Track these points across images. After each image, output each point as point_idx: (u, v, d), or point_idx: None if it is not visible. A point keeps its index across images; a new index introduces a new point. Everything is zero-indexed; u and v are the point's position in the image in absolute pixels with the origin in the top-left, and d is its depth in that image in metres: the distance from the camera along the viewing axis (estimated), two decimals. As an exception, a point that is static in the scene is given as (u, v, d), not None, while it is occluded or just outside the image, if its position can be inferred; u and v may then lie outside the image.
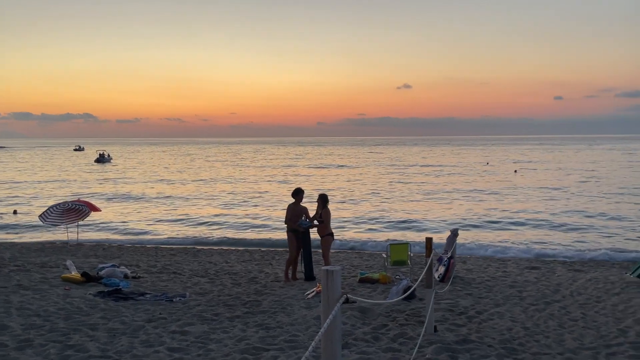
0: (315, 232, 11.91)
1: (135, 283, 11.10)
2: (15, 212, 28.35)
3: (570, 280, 11.71)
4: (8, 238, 21.16)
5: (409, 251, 12.22)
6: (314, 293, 9.95)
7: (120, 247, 18.07)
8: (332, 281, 2.66)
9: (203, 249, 17.80)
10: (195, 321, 8.21)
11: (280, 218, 22.67)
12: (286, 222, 11.76)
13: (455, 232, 13.11)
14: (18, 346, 6.81)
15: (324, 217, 11.69)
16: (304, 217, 11.68)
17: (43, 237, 20.73)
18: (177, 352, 6.77)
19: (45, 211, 17.47)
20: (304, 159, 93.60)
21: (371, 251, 17.58)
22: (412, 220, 25.58)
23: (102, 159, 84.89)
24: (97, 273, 11.41)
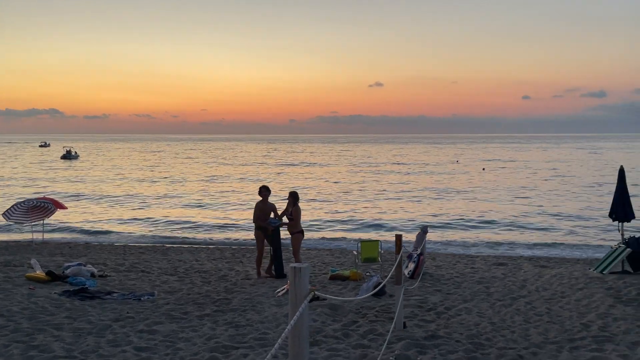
0: (285, 230, 11.90)
1: (102, 282, 10.91)
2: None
3: (536, 276, 11.95)
4: (-31, 237, 20.57)
5: (380, 248, 12.31)
6: (285, 291, 9.94)
7: (87, 246, 17.75)
8: (300, 278, 2.66)
9: (172, 247, 17.62)
10: (163, 320, 8.11)
11: (250, 215, 22.55)
12: (255, 221, 11.73)
13: (424, 230, 13.27)
14: (-21, 347, 6.63)
15: (294, 215, 11.69)
16: (273, 215, 11.66)
17: (7, 236, 20.21)
18: (145, 352, 6.68)
19: (9, 209, 17.03)
20: (275, 157, 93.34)
21: (342, 248, 17.64)
22: (383, 219, 25.77)
23: (69, 156, 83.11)
24: (63, 272, 11.18)
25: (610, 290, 10.23)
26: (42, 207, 16.87)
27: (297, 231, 11.77)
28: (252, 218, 11.81)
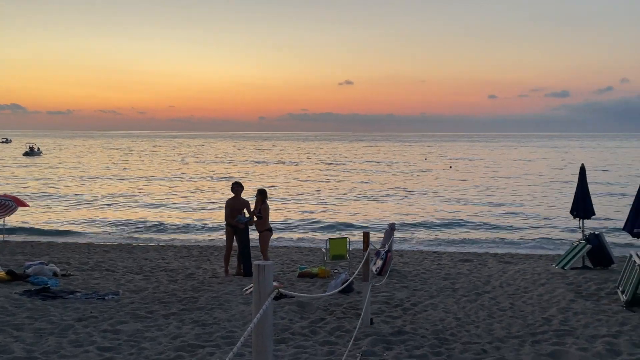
0: (254, 228, 11.84)
1: (65, 281, 10.67)
2: None
3: (500, 272, 12.19)
4: None
5: (348, 245, 12.38)
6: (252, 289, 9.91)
7: (49, 244, 17.32)
8: (264, 276, 2.65)
9: (138, 245, 17.35)
10: (128, 319, 7.98)
11: (219, 213, 22.42)
12: (226, 219, 11.64)
13: (392, 227, 13.39)
14: None
15: (263, 213, 11.65)
16: (244, 213, 11.59)
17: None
18: (108, 352, 6.56)
19: (-33, 207, 16.49)
20: (245, 155, 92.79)
21: (311, 246, 17.66)
22: (352, 217, 25.90)
23: (32, 153, 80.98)
24: (24, 271, 10.90)
25: (571, 285, 10.51)
26: (3, 205, 16.41)
27: (266, 229, 11.73)
28: (224, 216, 11.70)
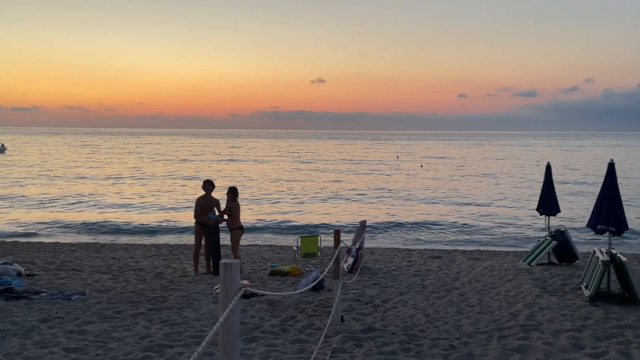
0: (224, 226, 11.76)
1: (29, 281, 10.41)
2: None
3: (469, 268, 12.37)
4: None
5: (319, 243, 12.39)
6: (223, 287, 9.83)
7: (14, 244, 16.87)
8: (230, 274, 2.63)
9: (106, 245, 17.04)
10: (95, 320, 7.84)
11: (189, 212, 22.13)
12: (195, 216, 11.53)
13: (363, 224, 13.45)
14: None
15: (234, 211, 11.57)
16: (214, 211, 11.50)
17: None
18: (74, 353, 6.43)
19: None
20: (216, 153, 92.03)
21: (282, 244, 17.62)
22: (324, 216, 25.92)
23: (-4, 150, 78.80)
24: (-14, 272, 10.58)
25: (537, 281, 10.73)
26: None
27: (237, 227, 11.65)
28: (194, 214, 11.59)
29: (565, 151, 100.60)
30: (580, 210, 25.43)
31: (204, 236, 11.45)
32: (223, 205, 11.70)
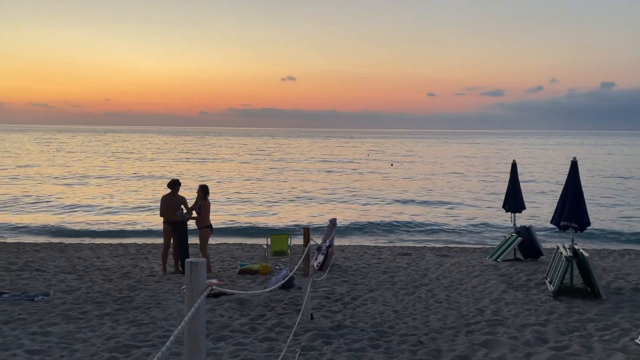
0: (193, 224, 11.63)
1: (-10, 283, 10.13)
2: None
3: (437, 265, 12.52)
4: None
5: (289, 241, 12.37)
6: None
7: (-26, 244, 16.36)
8: (196, 273, 2.60)
9: (72, 244, 16.65)
10: (59, 321, 7.67)
11: (156, 211, 21.79)
12: (162, 215, 11.37)
13: (333, 222, 13.48)
14: None
15: (204, 209, 11.45)
16: (182, 209, 11.36)
17: None
18: (38, 355, 6.29)
19: None
20: (183, 151, 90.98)
21: (252, 242, 17.53)
22: (295, 216, 25.89)
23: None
24: (-55, 273, 10.25)
25: (503, 276, 10.93)
26: None
27: (206, 225, 11.54)
28: (159, 212, 11.44)
29: (530, 149, 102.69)
30: (544, 207, 26.01)
31: (173, 235, 11.31)
32: (190, 203, 11.57)
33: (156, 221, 20.95)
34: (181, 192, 11.61)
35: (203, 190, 11.60)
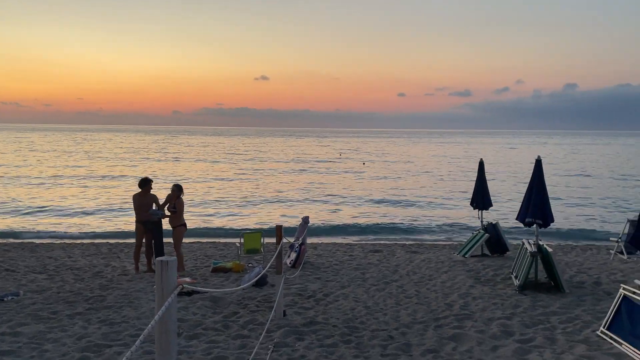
0: (167, 223, 11.48)
1: (-42, 283, 9.83)
2: None
3: (407, 261, 12.63)
4: None
5: (262, 239, 12.31)
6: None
7: (-59, 245, 15.86)
8: (167, 272, 2.56)
9: (42, 244, 16.28)
10: (29, 321, 7.49)
11: (128, 211, 21.48)
12: (136, 214, 11.20)
13: (306, 220, 13.47)
14: None
15: (178, 208, 11.32)
16: (155, 206, 11.21)
17: None
18: (7, 355, 6.12)
19: None
20: (155, 151, 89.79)
21: (225, 241, 17.40)
22: (267, 216, 25.79)
23: None
24: None
25: (470, 272, 11.08)
26: None
27: (180, 224, 11.41)
28: (135, 211, 11.26)
29: (497, 148, 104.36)
30: (511, 204, 26.47)
31: (146, 234, 11.15)
32: (161, 201, 11.42)
33: (129, 220, 20.65)
34: (157, 192, 11.46)
35: (178, 189, 11.47)
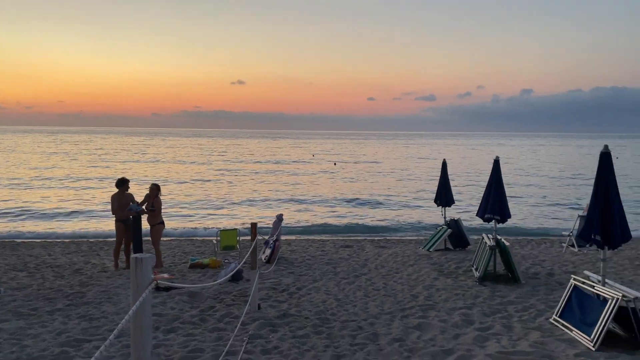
0: (146, 221, 11.31)
1: (-63, 282, 9.50)
2: None
3: (376, 255, 12.70)
4: None
5: (238, 236, 12.24)
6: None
7: None
8: (141, 268, 2.52)
9: (23, 242, 15.86)
10: (9, 317, 7.29)
11: (106, 208, 21.08)
12: (114, 212, 11.01)
13: (280, 218, 13.43)
14: None
15: (156, 206, 11.17)
16: (131, 203, 11.04)
17: None
18: (-13, 352, 5.94)
19: None
20: (136, 152, 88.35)
21: (202, 238, 17.23)
22: (244, 216, 25.63)
23: None
24: None
25: (434, 265, 11.21)
26: None
27: (158, 222, 11.26)
28: (111, 210, 11.06)
29: (460, 149, 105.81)
30: (472, 201, 26.88)
31: (125, 232, 10.97)
32: (139, 200, 11.25)
33: (108, 219, 20.27)
34: (138, 193, 11.28)
35: (156, 188, 11.32)
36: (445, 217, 13.64)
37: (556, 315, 7.09)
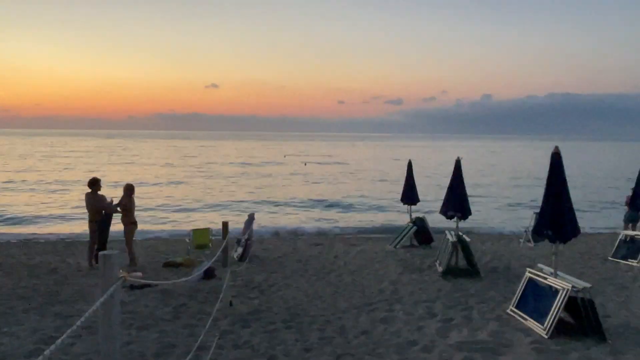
0: (119, 221, 11.09)
1: None
2: None
3: (345, 252, 12.75)
4: None
5: (210, 235, 12.12)
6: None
7: None
8: (109, 265, 2.48)
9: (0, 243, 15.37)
10: (-17, 317, 7.04)
11: (81, 213, 20.55)
12: (89, 211, 10.76)
13: (252, 217, 13.34)
14: None
15: (129, 207, 10.96)
16: (112, 200, 10.84)
17: None
18: (-42, 352, 5.73)
19: None
20: (111, 154, 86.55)
21: (176, 237, 17.00)
22: (214, 218, 25.40)
23: None
24: None
25: (400, 261, 11.33)
26: None
27: (131, 222, 11.05)
28: (87, 210, 10.81)
29: (424, 151, 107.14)
30: (436, 200, 27.21)
31: (98, 232, 10.74)
32: (115, 201, 11.03)
33: (83, 220, 19.80)
34: (113, 194, 11.06)
35: (129, 189, 11.11)
36: (410, 215, 13.78)
37: (513, 306, 7.25)
